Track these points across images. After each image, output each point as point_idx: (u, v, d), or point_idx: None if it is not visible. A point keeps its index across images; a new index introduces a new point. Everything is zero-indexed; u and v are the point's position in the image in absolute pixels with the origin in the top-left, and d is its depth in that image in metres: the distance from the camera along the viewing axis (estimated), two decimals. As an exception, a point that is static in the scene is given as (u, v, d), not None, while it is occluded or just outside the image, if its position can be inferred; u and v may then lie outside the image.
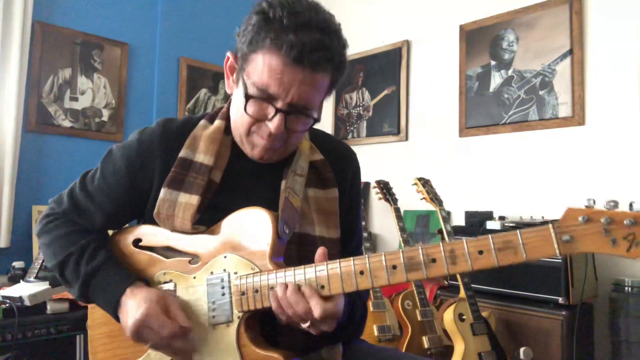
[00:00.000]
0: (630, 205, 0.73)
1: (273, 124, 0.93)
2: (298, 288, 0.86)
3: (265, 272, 0.91)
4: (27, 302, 1.98)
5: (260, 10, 0.90)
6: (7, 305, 1.96)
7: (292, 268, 0.89)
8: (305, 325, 0.87)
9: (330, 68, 0.93)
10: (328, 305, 0.85)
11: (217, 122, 1.06)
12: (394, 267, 0.83)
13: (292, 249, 0.99)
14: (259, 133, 0.98)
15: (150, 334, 0.91)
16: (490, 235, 0.79)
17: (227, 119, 1.06)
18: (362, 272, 0.85)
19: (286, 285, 0.87)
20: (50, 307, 2.07)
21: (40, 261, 2.23)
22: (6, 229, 2.55)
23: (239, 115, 0.98)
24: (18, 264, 2.43)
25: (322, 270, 0.87)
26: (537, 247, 0.76)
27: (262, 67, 0.90)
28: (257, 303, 0.91)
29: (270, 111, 0.93)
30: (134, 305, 0.92)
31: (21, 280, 2.20)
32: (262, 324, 0.96)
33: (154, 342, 0.92)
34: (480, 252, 0.79)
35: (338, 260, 0.87)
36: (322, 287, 0.87)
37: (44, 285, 2.08)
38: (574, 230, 0.74)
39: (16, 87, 2.59)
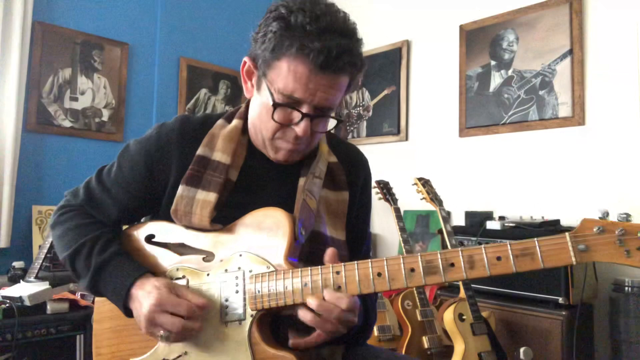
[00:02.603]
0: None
1: (300, 128, 0.95)
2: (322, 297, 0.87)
3: (281, 272, 0.91)
4: (27, 302, 1.99)
5: (279, 16, 0.90)
6: (7, 305, 1.96)
7: (308, 268, 0.90)
8: (341, 329, 0.87)
9: (353, 70, 0.95)
10: (347, 294, 0.86)
11: (235, 122, 1.07)
12: (412, 270, 0.84)
13: (303, 246, 0.99)
14: (284, 137, 0.99)
15: (166, 318, 0.90)
16: (508, 242, 0.81)
17: (244, 119, 1.08)
18: (379, 274, 0.86)
19: (317, 295, 0.87)
20: (50, 307, 2.06)
21: (40, 261, 2.24)
22: (6, 229, 2.55)
23: (263, 120, 0.99)
24: (18, 264, 2.43)
25: (340, 272, 0.88)
26: (554, 255, 0.78)
27: (287, 74, 0.91)
28: (271, 302, 0.91)
29: (296, 116, 0.95)
30: (145, 294, 0.92)
31: (21, 280, 2.20)
32: (274, 323, 0.97)
33: (169, 326, 0.89)
34: (499, 259, 0.81)
35: (355, 262, 0.88)
36: (339, 287, 0.87)
37: (44, 285, 2.08)
38: (589, 240, 0.77)
39: (16, 87, 2.59)
